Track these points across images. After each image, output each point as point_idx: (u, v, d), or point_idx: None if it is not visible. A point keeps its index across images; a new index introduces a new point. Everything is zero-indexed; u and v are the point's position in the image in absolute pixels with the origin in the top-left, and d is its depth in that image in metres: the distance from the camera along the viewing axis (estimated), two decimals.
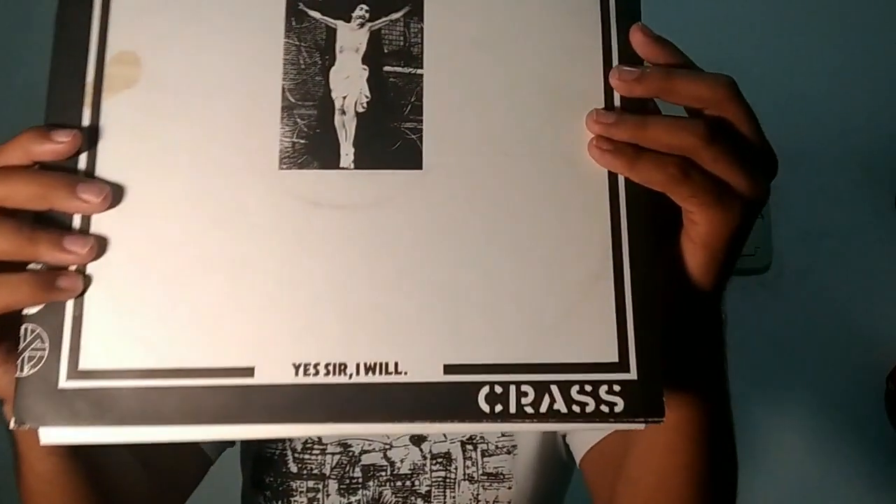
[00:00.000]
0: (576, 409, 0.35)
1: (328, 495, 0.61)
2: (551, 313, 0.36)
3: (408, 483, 0.61)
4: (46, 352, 0.34)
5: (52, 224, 0.35)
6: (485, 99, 0.38)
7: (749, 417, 1.11)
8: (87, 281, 0.35)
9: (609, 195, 0.37)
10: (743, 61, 1.28)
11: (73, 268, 0.35)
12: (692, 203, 0.36)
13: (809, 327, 1.14)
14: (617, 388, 0.35)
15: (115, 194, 0.36)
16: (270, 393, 0.35)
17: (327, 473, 0.62)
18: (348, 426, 0.35)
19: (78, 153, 0.36)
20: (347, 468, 0.61)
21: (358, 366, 0.35)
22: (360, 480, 0.61)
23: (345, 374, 0.35)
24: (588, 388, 0.35)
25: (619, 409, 0.35)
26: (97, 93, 0.37)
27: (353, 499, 0.61)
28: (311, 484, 0.61)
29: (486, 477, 0.62)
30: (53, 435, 0.34)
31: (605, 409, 0.35)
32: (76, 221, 0.36)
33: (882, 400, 1.13)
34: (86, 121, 0.37)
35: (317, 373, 0.35)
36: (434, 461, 0.63)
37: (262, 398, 0.35)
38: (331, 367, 0.35)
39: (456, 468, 0.62)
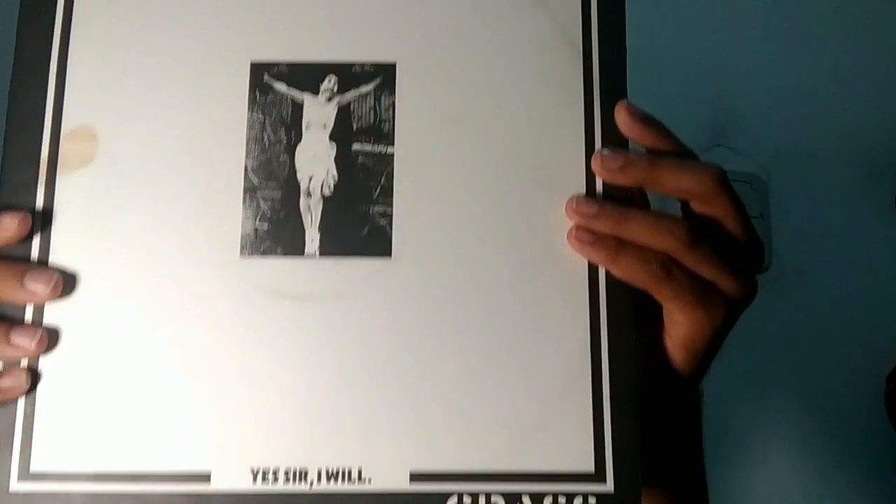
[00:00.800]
0: None
1: None
2: (526, 418, 0.34)
3: None
4: None
5: (2, 318, 0.34)
6: (460, 181, 0.36)
7: (748, 417, 1.11)
8: (38, 377, 0.34)
9: (589, 289, 0.35)
10: (743, 61, 1.28)
11: (24, 363, 0.34)
12: (674, 304, 0.35)
13: (809, 327, 1.14)
14: (592, 500, 0.34)
15: (68, 282, 0.34)
16: (227, 501, 0.33)
17: None
18: None
19: (30, 237, 0.35)
20: None
21: (319, 472, 0.34)
22: None
23: (305, 481, 0.34)
24: (562, 500, 0.34)
25: None
26: (52, 170, 0.35)
27: None
28: None
29: None
30: None
31: None
32: (28, 313, 0.34)
33: (882, 400, 1.13)
34: (40, 201, 0.35)
35: (276, 479, 0.34)
36: None
37: None
38: (290, 474, 0.34)
39: None
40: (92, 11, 0.37)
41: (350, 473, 0.34)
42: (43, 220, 0.35)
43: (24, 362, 0.34)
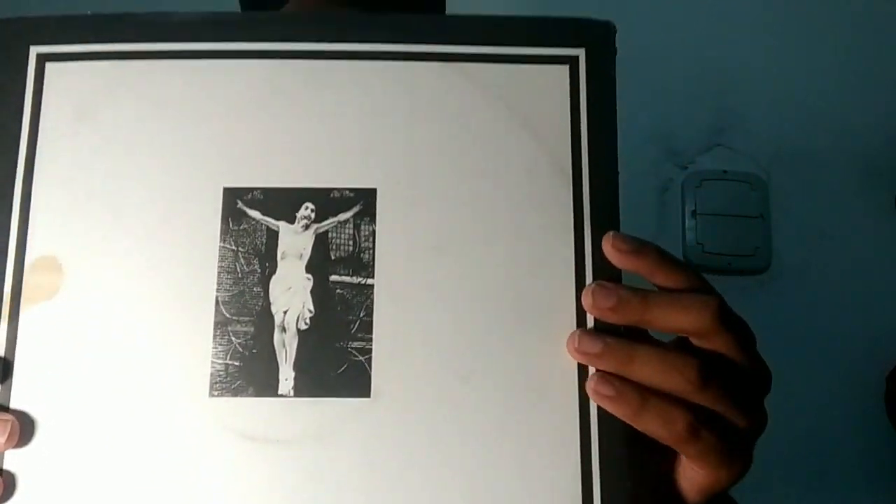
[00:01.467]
0: None
1: None
2: None
3: None
4: None
5: None
6: (443, 315, 0.34)
7: None
8: None
9: (580, 431, 0.33)
10: (743, 61, 1.28)
11: None
12: (699, 462, 0.33)
13: (809, 327, 1.14)
14: None
15: (27, 429, 0.32)
16: None
17: None
18: None
19: None
20: None
21: None
22: None
23: None
24: None
25: None
26: (15, 304, 0.33)
27: None
28: None
29: None
30: None
31: None
32: None
33: (882, 400, 1.13)
34: (1, 339, 0.33)
35: None
36: None
37: None
38: None
39: None
40: (57, 136, 0.35)
41: None
42: (5, 359, 0.33)
43: None
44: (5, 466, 0.32)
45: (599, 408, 0.33)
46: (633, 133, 1.25)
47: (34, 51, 0.35)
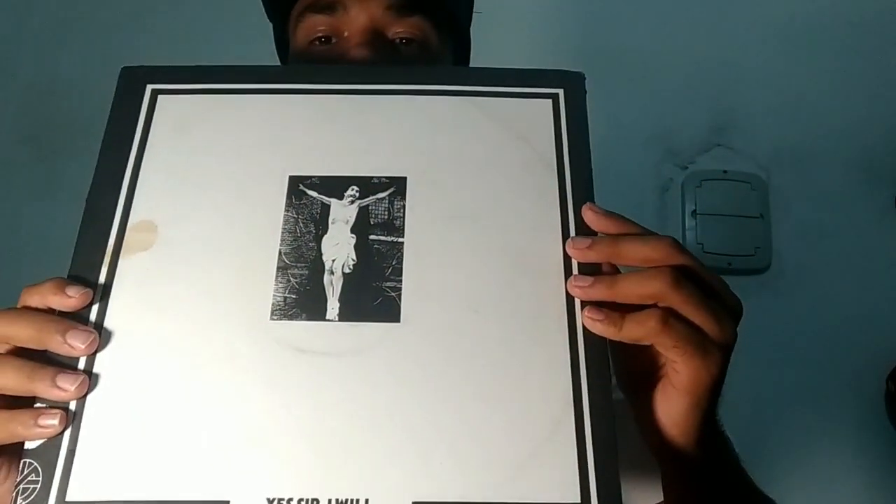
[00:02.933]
0: None
1: None
2: (516, 455, 0.39)
3: None
4: (39, 485, 0.37)
5: (53, 363, 0.39)
6: (457, 264, 0.44)
7: (748, 417, 1.11)
8: (78, 418, 0.38)
9: (569, 349, 0.42)
10: (743, 61, 1.28)
11: (73, 405, 0.38)
12: (675, 353, 0.40)
13: (809, 327, 1.14)
14: None
15: (119, 337, 0.40)
16: None
17: None
18: None
19: (90, 305, 0.42)
20: None
21: (330, 501, 0.37)
22: None
23: None
24: None
25: None
26: (115, 255, 0.43)
27: None
28: None
29: None
30: None
31: None
32: (81, 362, 0.39)
33: (882, 400, 1.13)
34: (102, 278, 0.42)
35: None
36: None
37: None
38: (304, 503, 0.37)
39: None
40: (162, 140, 0.46)
41: (358, 503, 0.38)
42: (103, 292, 0.42)
43: (73, 405, 0.39)
44: (96, 367, 0.40)
45: (585, 333, 0.42)
46: (634, 134, 1.25)
47: (149, 87, 0.47)
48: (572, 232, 0.44)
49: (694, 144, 1.24)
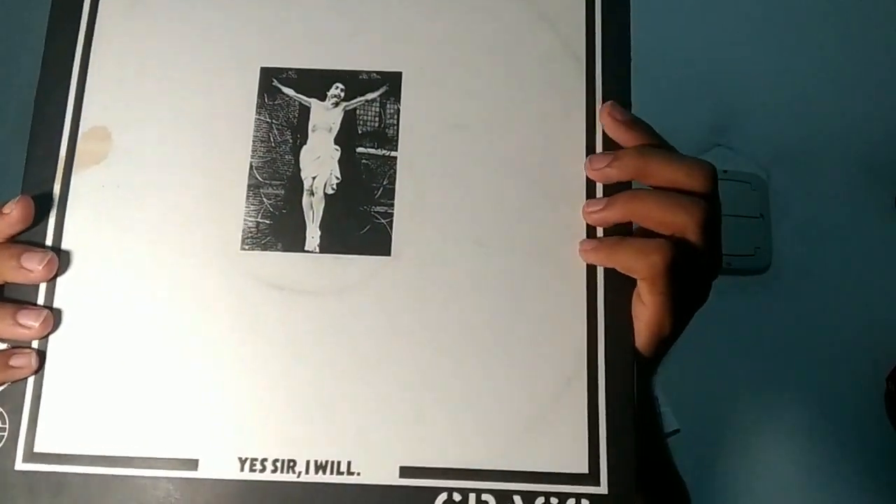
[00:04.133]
0: None
1: None
2: (519, 417, 0.34)
3: None
4: (6, 433, 0.34)
5: (12, 300, 0.35)
6: (461, 185, 0.36)
7: (748, 417, 1.11)
8: (44, 359, 0.35)
9: (587, 294, 0.35)
10: (743, 61, 1.28)
11: (34, 344, 0.35)
12: (663, 298, 0.34)
13: (809, 327, 1.14)
14: (585, 501, 0.33)
15: (75, 268, 0.36)
16: (214, 487, 0.34)
17: None
18: None
19: (45, 227, 0.36)
20: None
21: (308, 463, 0.34)
22: None
23: (293, 471, 0.34)
24: (554, 500, 0.33)
25: None
26: (68, 168, 0.37)
27: None
28: None
29: None
30: None
31: None
32: (40, 297, 0.35)
33: (882, 400, 1.13)
34: (56, 195, 0.37)
35: (263, 469, 0.34)
36: None
37: (205, 492, 0.34)
38: (279, 464, 0.34)
39: None
40: (112, 22, 0.38)
41: (339, 466, 0.34)
42: (57, 212, 0.37)
43: (35, 344, 0.35)
44: (56, 303, 0.36)
45: (606, 276, 0.35)
46: None
47: None
48: (600, 144, 0.36)
49: (694, 144, 1.24)
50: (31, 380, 0.35)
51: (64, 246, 0.36)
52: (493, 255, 0.36)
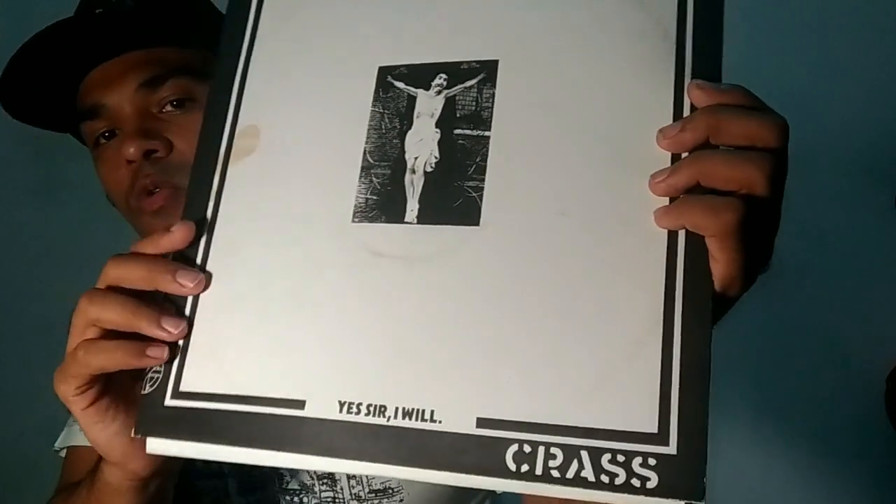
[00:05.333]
0: (604, 478, 0.33)
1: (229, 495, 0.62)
2: (590, 375, 0.35)
3: (296, 500, 0.61)
4: (161, 375, 0.41)
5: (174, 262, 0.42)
6: (547, 159, 0.39)
7: (748, 417, 1.11)
8: (191, 317, 0.41)
9: (666, 261, 0.36)
10: (743, 61, 1.28)
11: (187, 308, 0.42)
12: (735, 255, 0.34)
13: (809, 327, 1.14)
14: (652, 461, 0.33)
15: (224, 241, 0.43)
16: (318, 426, 0.38)
17: (226, 472, 0.61)
18: (383, 467, 0.37)
19: (206, 209, 0.44)
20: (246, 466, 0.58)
21: (396, 409, 0.37)
22: (259, 480, 0.61)
23: (384, 416, 0.37)
24: (620, 458, 0.33)
25: (651, 484, 0.33)
26: (225, 161, 0.44)
27: (251, 498, 0.61)
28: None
29: (373, 494, 0.61)
30: (157, 445, 0.40)
31: (636, 482, 0.33)
32: (197, 260, 0.42)
33: (882, 400, 1.13)
34: (215, 185, 0.44)
35: (359, 412, 0.37)
36: (321, 482, 0.61)
37: (310, 430, 0.38)
38: (372, 408, 0.37)
39: (342, 488, 0.61)
40: (266, 41, 0.46)
41: (423, 413, 0.37)
42: (215, 195, 0.44)
43: (188, 307, 0.42)
44: (208, 267, 0.43)
45: (687, 242, 0.35)
46: None
47: None
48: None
49: None
50: (182, 335, 0.41)
51: (217, 226, 0.43)
52: (575, 224, 0.37)
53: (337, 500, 0.61)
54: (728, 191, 0.34)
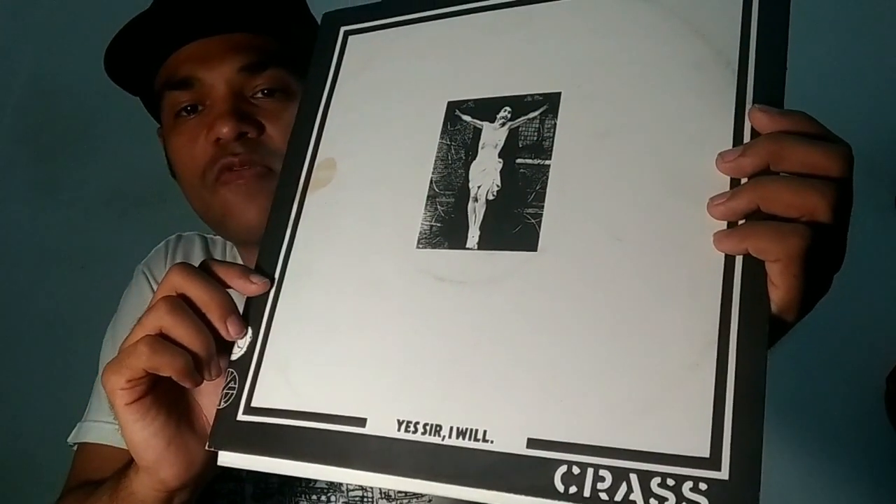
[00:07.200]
0: (653, 502, 0.33)
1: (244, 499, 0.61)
2: (640, 397, 0.35)
3: (322, 498, 0.61)
4: (235, 390, 0.43)
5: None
6: (604, 186, 0.39)
7: None
8: (265, 337, 0.44)
9: (723, 285, 0.35)
10: None
11: (263, 326, 0.44)
12: (794, 281, 0.34)
13: (809, 327, 1.14)
14: (703, 486, 0.32)
15: (298, 270, 0.45)
16: (377, 443, 0.39)
17: (244, 476, 0.61)
18: (436, 485, 0.38)
19: (283, 234, 0.46)
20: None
21: (451, 429, 0.38)
22: (276, 486, 0.61)
23: (439, 435, 0.38)
24: (670, 481, 0.33)
25: None
26: (304, 191, 0.47)
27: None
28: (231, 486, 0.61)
29: (403, 494, 0.60)
30: (228, 458, 0.42)
31: None
32: (278, 273, 0.46)
33: (882, 400, 1.13)
34: (293, 212, 0.47)
35: (416, 431, 0.38)
36: None
37: (370, 448, 0.39)
38: (428, 428, 0.38)
39: (372, 487, 0.60)
40: (347, 80, 0.49)
41: (476, 433, 0.37)
42: (293, 222, 0.47)
43: (263, 326, 0.45)
44: (283, 288, 0.45)
45: (745, 266, 0.35)
46: None
47: (342, 29, 0.51)
48: None
49: None
50: (256, 350, 0.43)
51: (293, 255, 0.46)
52: (630, 249, 0.38)
53: (366, 500, 0.62)
54: (790, 218, 0.34)
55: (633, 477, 0.33)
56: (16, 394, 1.31)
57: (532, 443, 0.36)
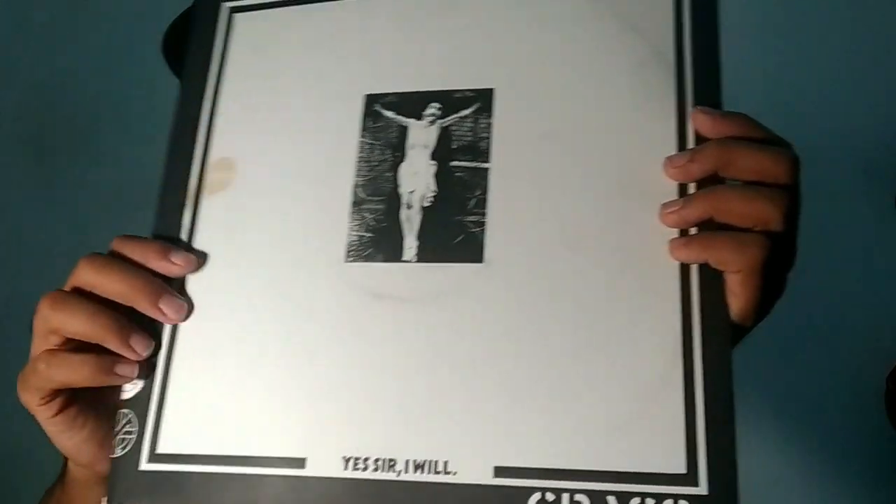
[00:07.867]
0: None
1: None
2: (613, 417, 0.34)
3: None
4: (135, 435, 0.37)
5: (130, 318, 0.37)
6: (551, 192, 0.37)
7: (748, 417, 1.11)
8: (165, 370, 0.38)
9: (681, 292, 0.34)
10: (743, 61, 1.28)
11: (162, 358, 0.38)
12: (751, 289, 0.34)
13: (809, 327, 1.14)
14: (683, 502, 0.32)
15: (201, 286, 0.39)
16: (320, 485, 0.35)
17: None
18: None
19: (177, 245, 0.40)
20: None
21: (407, 462, 0.35)
22: None
23: (393, 470, 0.35)
24: (650, 501, 0.32)
25: None
26: (197, 195, 0.41)
27: None
28: None
29: None
30: None
31: None
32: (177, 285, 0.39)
33: (882, 400, 1.13)
34: (186, 222, 0.41)
35: (366, 468, 0.35)
36: None
37: (313, 490, 0.35)
38: (380, 463, 0.35)
39: None
40: (238, 68, 0.43)
41: (436, 465, 0.34)
42: (189, 233, 0.41)
43: (162, 359, 0.39)
44: (189, 290, 0.39)
45: (702, 275, 0.34)
46: None
47: (225, 6, 0.44)
48: (691, 145, 0.35)
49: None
50: (156, 386, 0.38)
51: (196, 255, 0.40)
52: (583, 259, 0.36)
53: None
54: (743, 227, 0.34)
55: (612, 499, 0.32)
56: (15, 394, 1.31)
57: (500, 471, 0.34)
